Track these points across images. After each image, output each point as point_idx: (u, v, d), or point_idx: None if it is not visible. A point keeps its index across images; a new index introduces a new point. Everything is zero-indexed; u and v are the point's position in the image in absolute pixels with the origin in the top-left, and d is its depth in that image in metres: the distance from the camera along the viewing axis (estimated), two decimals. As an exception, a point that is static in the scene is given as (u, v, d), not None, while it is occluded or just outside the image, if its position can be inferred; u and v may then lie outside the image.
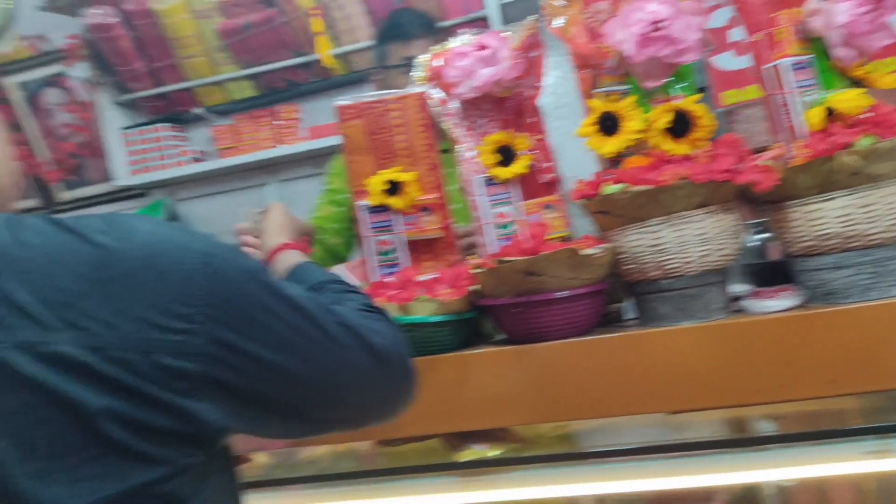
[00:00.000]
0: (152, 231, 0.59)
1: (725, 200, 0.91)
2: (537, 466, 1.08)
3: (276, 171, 3.13)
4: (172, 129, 3.16)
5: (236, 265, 0.62)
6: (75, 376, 0.52)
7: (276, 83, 3.04)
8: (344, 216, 1.77)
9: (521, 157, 1.07)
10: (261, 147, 3.00)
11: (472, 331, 1.13)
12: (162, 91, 3.11)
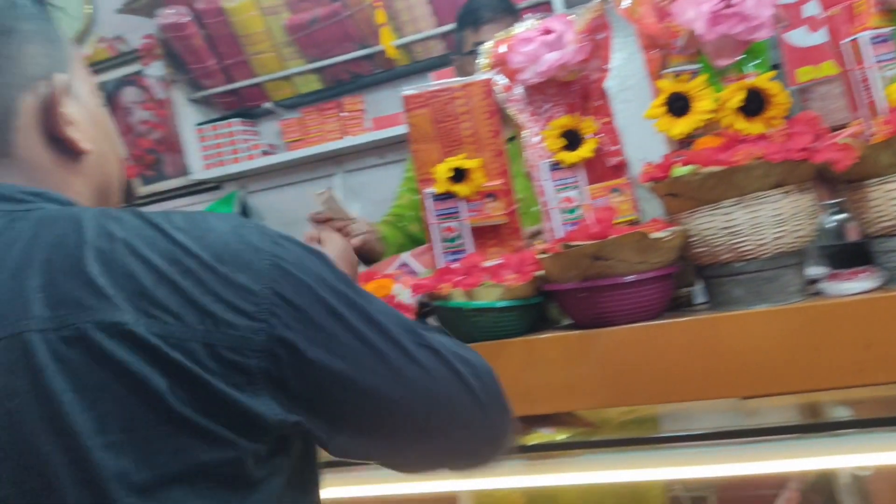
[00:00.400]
0: (227, 230, 0.61)
1: (802, 180, 0.89)
2: (605, 451, 1.08)
3: (341, 162, 3.20)
4: (243, 123, 3.26)
5: (307, 268, 0.62)
6: (145, 357, 0.56)
7: (341, 76, 3.10)
8: (418, 203, 1.81)
9: (588, 140, 1.07)
10: (327, 139, 3.07)
11: (537, 316, 1.13)
12: (233, 87, 3.22)
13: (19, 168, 0.66)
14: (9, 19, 0.65)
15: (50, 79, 0.67)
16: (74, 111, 0.68)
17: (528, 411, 1.05)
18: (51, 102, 0.66)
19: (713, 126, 0.92)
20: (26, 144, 0.66)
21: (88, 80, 0.74)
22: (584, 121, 1.08)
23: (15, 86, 0.65)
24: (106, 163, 0.73)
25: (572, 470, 1.12)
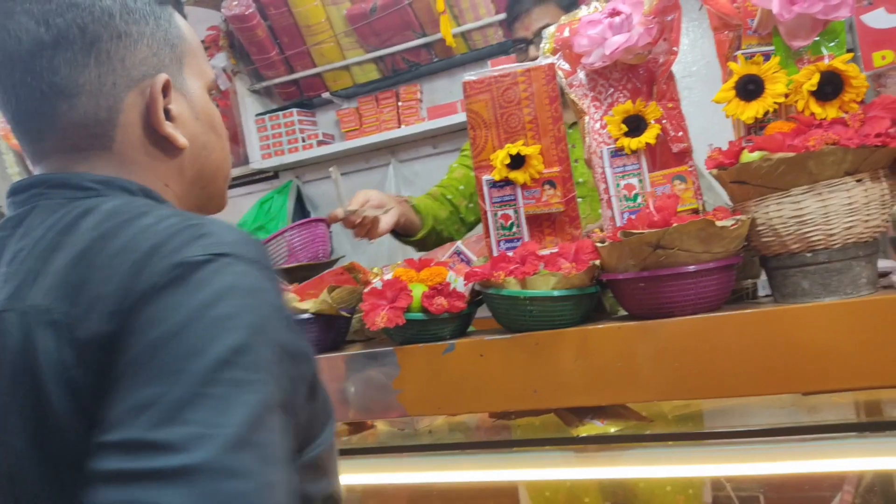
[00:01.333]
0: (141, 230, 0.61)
1: (877, 167, 0.85)
2: (657, 445, 1.06)
3: (395, 151, 3.22)
4: (302, 113, 3.32)
5: (201, 311, 0.54)
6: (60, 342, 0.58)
7: (398, 65, 3.11)
8: (473, 180, 1.79)
9: (651, 126, 1.04)
10: (383, 128, 3.09)
11: (593, 306, 1.12)
12: (293, 77, 3.27)
13: (116, 161, 0.71)
14: (122, 23, 0.70)
15: (154, 78, 0.71)
16: (178, 107, 0.73)
17: (580, 402, 1.04)
18: (153, 100, 0.71)
19: (785, 110, 0.89)
20: (126, 140, 0.71)
21: (204, 73, 0.79)
22: (648, 106, 1.05)
23: (122, 85, 0.69)
24: (208, 153, 0.78)
25: (623, 464, 1.10)
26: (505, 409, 1.12)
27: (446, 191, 1.78)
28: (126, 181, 0.70)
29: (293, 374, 0.59)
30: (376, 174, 3.25)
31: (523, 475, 1.22)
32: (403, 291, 1.12)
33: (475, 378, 1.08)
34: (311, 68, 3.22)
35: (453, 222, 1.77)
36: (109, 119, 0.69)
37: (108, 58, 0.68)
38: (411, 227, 1.65)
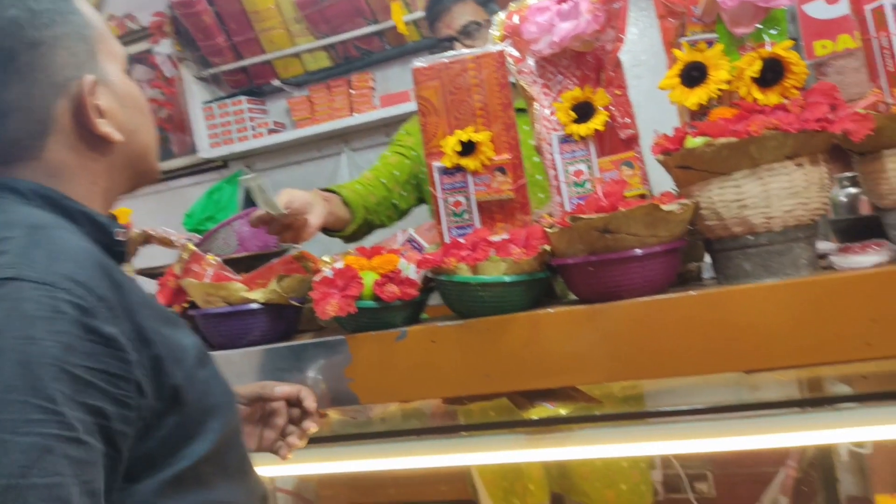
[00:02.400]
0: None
1: (816, 152, 0.87)
2: (607, 425, 1.07)
3: (349, 139, 3.19)
4: (251, 101, 3.25)
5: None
6: None
7: (350, 52, 3.08)
8: (408, 168, 1.77)
9: (599, 112, 1.05)
10: (335, 116, 3.06)
11: (543, 291, 1.13)
12: (242, 65, 3.20)
13: (42, 168, 0.70)
14: (33, 30, 0.68)
15: (80, 78, 0.71)
16: (106, 101, 0.73)
17: (531, 385, 1.05)
18: (82, 103, 0.70)
19: (728, 97, 0.91)
20: (57, 146, 0.71)
21: (116, 53, 0.77)
22: (597, 93, 1.06)
23: (50, 94, 0.69)
24: (138, 136, 0.78)
25: (574, 444, 1.12)
26: (457, 394, 1.13)
27: (381, 175, 1.75)
28: (15, 181, 0.69)
29: (118, 395, 0.56)
30: (328, 163, 3.21)
31: (476, 459, 1.23)
32: (354, 280, 1.11)
33: (427, 364, 1.08)
34: (260, 55, 3.15)
35: (386, 208, 1.74)
36: (42, 130, 0.70)
37: (29, 70, 0.68)
38: (340, 222, 1.60)
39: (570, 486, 1.61)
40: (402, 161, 1.77)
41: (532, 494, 1.60)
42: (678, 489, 1.91)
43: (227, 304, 1.21)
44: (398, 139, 1.84)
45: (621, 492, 1.58)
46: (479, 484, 1.65)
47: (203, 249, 1.36)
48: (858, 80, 1.15)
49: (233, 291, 1.20)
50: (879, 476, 1.83)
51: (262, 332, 1.21)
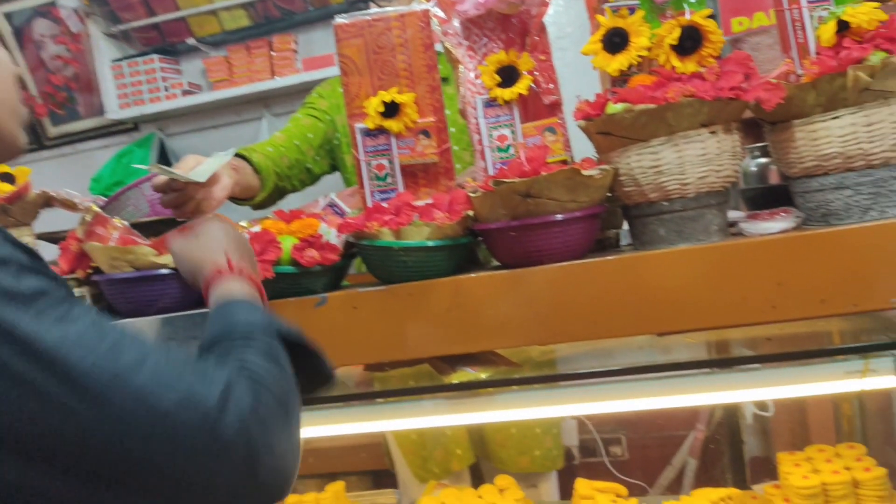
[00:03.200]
0: None
1: (731, 120, 0.90)
2: (526, 388, 1.09)
3: (269, 104, 3.08)
4: (164, 60, 3.09)
5: None
6: None
7: (271, 12, 2.95)
8: (322, 132, 1.67)
9: (524, 77, 1.05)
10: (255, 79, 2.94)
11: (466, 256, 1.13)
12: (154, 21, 3.02)
13: None
14: None
15: None
16: None
17: (453, 350, 1.05)
18: None
19: (648, 64, 0.92)
20: None
21: None
22: (521, 57, 1.06)
23: None
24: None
25: (494, 408, 1.13)
26: (379, 360, 1.12)
27: (294, 136, 1.65)
28: None
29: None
30: (248, 128, 3.10)
31: (397, 425, 1.23)
32: (272, 244, 1.08)
33: (348, 331, 1.07)
34: (174, 11, 2.98)
35: (299, 172, 1.65)
36: None
37: None
38: (248, 191, 1.50)
39: (487, 453, 1.64)
40: (315, 124, 1.67)
41: (453, 461, 1.62)
42: (594, 453, 1.99)
43: (134, 269, 1.14)
44: (311, 102, 1.73)
45: (535, 457, 1.62)
46: (395, 453, 1.65)
47: (110, 214, 1.28)
48: (771, 57, 1.20)
49: (140, 256, 1.14)
50: (780, 437, 1.96)
51: (173, 300, 1.15)
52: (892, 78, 0.79)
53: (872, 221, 0.84)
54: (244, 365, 0.62)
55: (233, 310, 0.75)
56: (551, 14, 1.12)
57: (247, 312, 0.74)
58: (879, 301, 0.82)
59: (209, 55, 3.09)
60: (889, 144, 0.82)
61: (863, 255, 0.82)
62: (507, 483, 1.37)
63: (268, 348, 0.68)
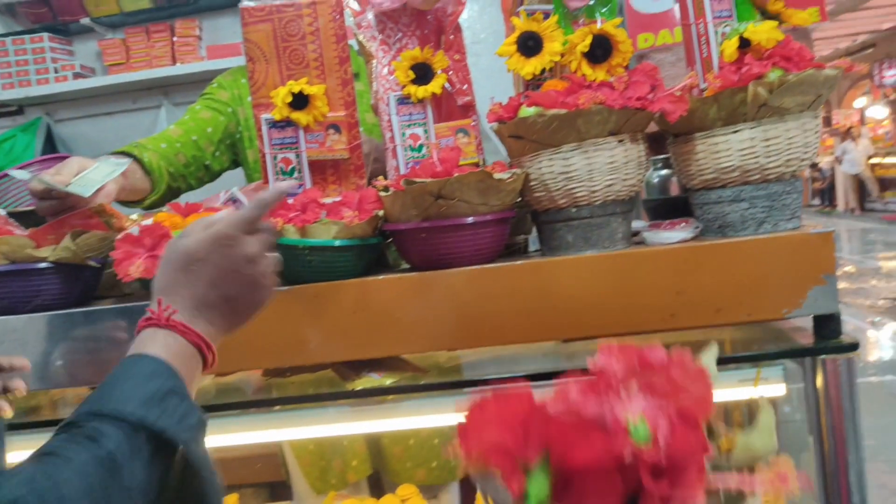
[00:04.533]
0: None
1: (637, 130, 0.92)
2: (432, 395, 1.07)
3: (169, 92, 2.92)
4: (54, 39, 2.88)
5: None
6: None
7: (174, -4, 2.81)
8: (222, 126, 1.55)
9: (438, 76, 1.03)
10: (155, 65, 2.79)
11: (375, 258, 1.10)
12: (43, -5, 2.81)
13: None
14: None
15: None
16: None
17: (358, 356, 1.01)
18: None
19: (560, 69, 0.92)
20: None
21: None
22: (436, 55, 1.04)
23: None
24: None
25: (399, 415, 1.10)
26: (279, 365, 1.06)
27: (192, 131, 1.53)
28: None
29: None
30: (145, 117, 2.93)
31: (297, 433, 1.18)
32: (165, 238, 1.01)
33: (246, 333, 1.00)
34: (67, -13, 2.79)
35: (197, 170, 1.53)
36: None
37: None
38: (137, 194, 1.38)
39: (384, 465, 1.60)
40: (215, 117, 1.55)
41: (351, 472, 1.57)
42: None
43: (9, 261, 1.04)
44: (210, 93, 1.61)
45: (431, 469, 1.56)
46: (292, 464, 1.59)
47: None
48: (674, 74, 1.24)
49: (17, 247, 1.03)
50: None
51: (52, 296, 1.06)
52: (787, 95, 0.83)
53: (766, 234, 0.88)
54: (53, 479, 0.52)
55: (120, 377, 0.63)
56: (466, 19, 1.11)
57: (133, 386, 0.62)
58: (772, 311, 0.86)
59: (105, 37, 2.91)
60: (784, 160, 0.86)
61: (757, 266, 0.85)
62: (409, 492, 1.35)
63: (114, 448, 0.56)
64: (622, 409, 0.34)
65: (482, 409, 0.34)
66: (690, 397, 0.35)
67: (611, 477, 0.33)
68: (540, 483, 0.32)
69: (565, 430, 0.32)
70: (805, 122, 0.87)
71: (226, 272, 0.70)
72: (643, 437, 0.33)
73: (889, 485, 2.58)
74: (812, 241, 0.85)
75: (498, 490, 0.34)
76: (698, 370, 0.35)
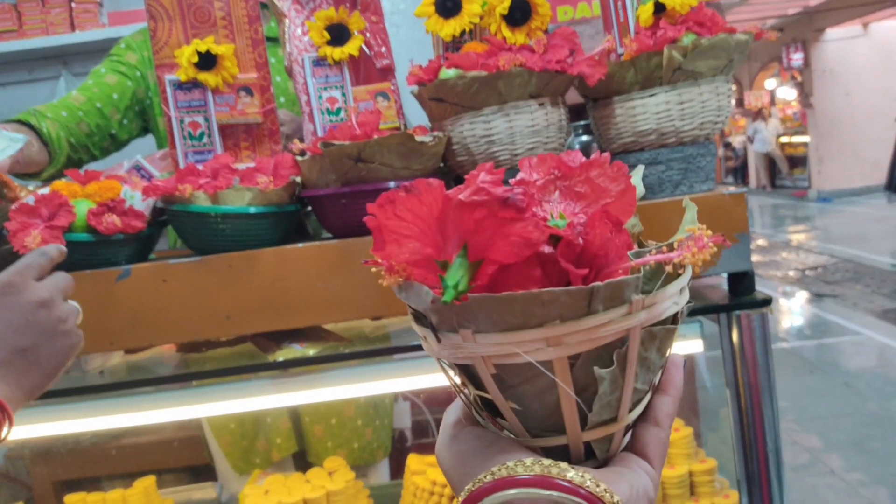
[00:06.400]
0: None
1: (557, 93, 0.92)
2: (357, 364, 1.05)
3: (69, 62, 2.73)
4: (-68, 0, 2.62)
5: None
6: None
7: (70, -43, 2.62)
8: (130, 92, 1.45)
9: (355, 37, 1.00)
10: (52, 32, 2.59)
11: (293, 227, 1.06)
12: (-84, -49, 2.55)
13: None
14: None
15: None
16: None
17: (278, 326, 0.98)
18: None
19: (480, 32, 0.91)
20: None
21: None
22: (352, 16, 1.00)
23: None
24: None
25: (322, 385, 1.08)
26: (193, 338, 1.01)
27: (96, 98, 1.41)
28: None
29: None
30: (42, 88, 2.72)
31: (217, 409, 1.13)
32: (64, 208, 0.94)
33: (156, 307, 0.96)
34: (-55, -57, 2.54)
35: (101, 139, 1.42)
36: None
37: None
38: (34, 166, 1.28)
39: (306, 445, 1.56)
40: (122, 82, 1.44)
41: (276, 451, 1.53)
42: (426, 433, 2.00)
43: None
44: (117, 54, 1.49)
45: (353, 450, 1.53)
46: (213, 445, 1.53)
47: None
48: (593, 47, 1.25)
49: None
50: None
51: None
52: (701, 59, 0.84)
53: (682, 195, 0.90)
54: None
55: None
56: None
57: None
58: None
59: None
60: (698, 123, 0.88)
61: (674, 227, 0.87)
62: (336, 465, 1.33)
63: None
64: (542, 211, 0.35)
65: (394, 209, 0.32)
66: (611, 195, 0.35)
67: (530, 269, 0.32)
68: (458, 275, 0.31)
69: (482, 220, 0.31)
70: (718, 85, 0.89)
71: (15, 324, 0.63)
72: (562, 226, 0.33)
73: (801, 442, 2.76)
74: (726, 201, 0.87)
75: (419, 294, 0.33)
76: (619, 170, 0.35)
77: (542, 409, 0.34)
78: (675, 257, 0.33)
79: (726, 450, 1.13)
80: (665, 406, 0.37)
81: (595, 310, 0.31)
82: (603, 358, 0.33)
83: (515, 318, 0.31)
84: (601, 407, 0.34)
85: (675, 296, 0.35)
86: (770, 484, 0.93)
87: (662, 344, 0.36)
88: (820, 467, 2.56)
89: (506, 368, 0.33)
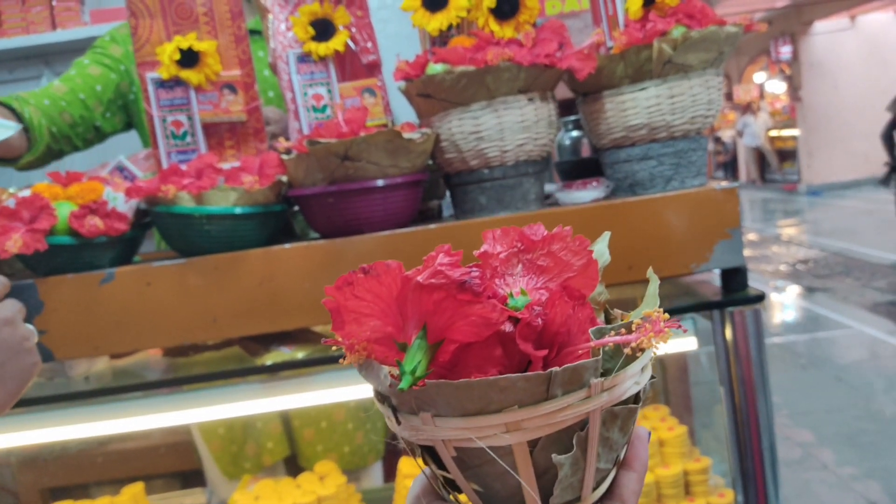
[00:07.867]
0: None
1: (547, 88, 0.90)
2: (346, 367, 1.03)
3: (51, 61, 2.69)
4: (-89, 0, 2.57)
5: None
6: None
7: (51, -44, 2.58)
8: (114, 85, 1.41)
9: (340, 32, 0.98)
10: (32, 31, 2.55)
11: (280, 227, 1.04)
12: None
13: None
14: None
15: None
16: None
17: (266, 329, 0.96)
18: None
19: (467, 26, 0.89)
20: None
21: None
22: (337, 10, 0.98)
23: None
24: None
25: (313, 388, 1.06)
26: (179, 342, 0.99)
27: (79, 88, 1.38)
28: None
29: None
30: (24, 88, 2.68)
31: (205, 414, 1.11)
32: (45, 210, 0.92)
33: (141, 311, 0.94)
34: (-77, -58, 2.50)
35: (85, 130, 1.38)
36: None
37: None
38: (12, 151, 1.25)
39: (296, 449, 1.54)
40: (106, 74, 1.41)
41: (267, 455, 1.51)
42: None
43: None
44: (101, 46, 1.45)
45: (343, 454, 1.51)
46: (203, 450, 1.51)
47: None
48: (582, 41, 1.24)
49: None
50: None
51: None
52: (691, 52, 0.83)
53: (674, 191, 0.88)
54: None
55: None
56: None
57: None
58: (681, 267, 0.87)
59: (-28, -2, 2.63)
60: (688, 117, 0.86)
61: (666, 223, 0.86)
62: (327, 469, 1.31)
63: None
64: (504, 285, 0.34)
65: (353, 291, 0.31)
66: (573, 269, 0.34)
67: (491, 348, 0.31)
68: (416, 359, 0.30)
69: (441, 302, 0.30)
70: (708, 79, 0.88)
71: None
72: (522, 306, 0.32)
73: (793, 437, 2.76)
74: (717, 196, 0.86)
75: (378, 376, 0.32)
76: (580, 244, 0.34)
77: (504, 489, 0.33)
78: (632, 340, 0.32)
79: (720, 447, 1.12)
80: (630, 483, 0.36)
81: (554, 394, 0.30)
82: (563, 441, 0.32)
83: (473, 403, 0.30)
84: (563, 490, 0.33)
85: (635, 376, 0.33)
86: (765, 480, 0.93)
87: (624, 423, 0.34)
88: (812, 462, 2.56)
89: (466, 451, 0.33)
